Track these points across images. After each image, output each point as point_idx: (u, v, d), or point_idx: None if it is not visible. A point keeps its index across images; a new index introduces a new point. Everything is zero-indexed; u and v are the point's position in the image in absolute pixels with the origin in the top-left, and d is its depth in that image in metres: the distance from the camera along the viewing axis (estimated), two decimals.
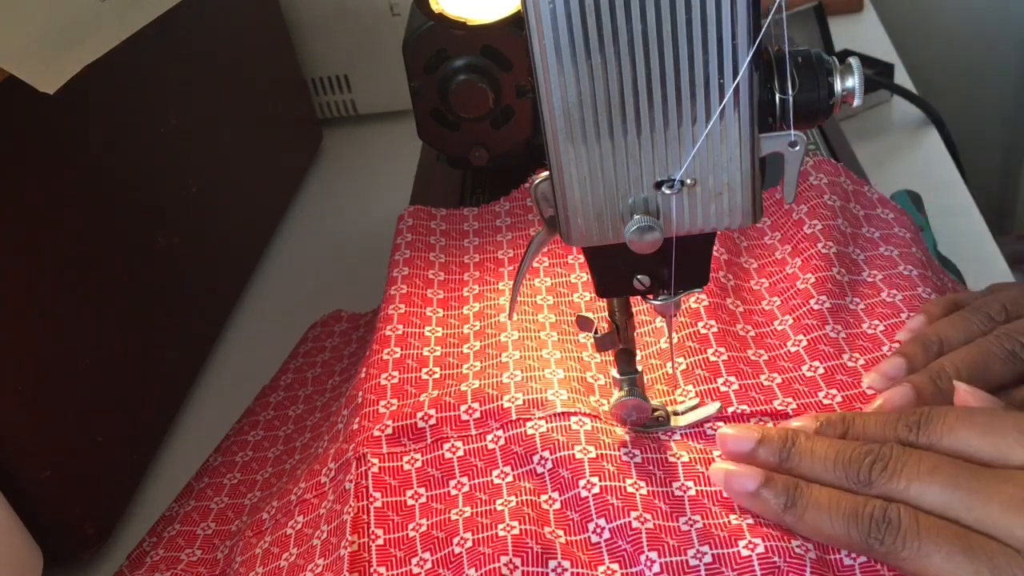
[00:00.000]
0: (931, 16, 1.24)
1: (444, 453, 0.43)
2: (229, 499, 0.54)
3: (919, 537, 0.33)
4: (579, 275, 0.54)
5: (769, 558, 0.35)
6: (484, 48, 0.59)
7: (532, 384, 0.44)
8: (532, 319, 0.50)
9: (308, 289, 0.76)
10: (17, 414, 0.48)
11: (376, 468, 0.42)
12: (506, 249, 0.57)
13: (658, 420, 0.43)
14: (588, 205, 0.35)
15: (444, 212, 0.61)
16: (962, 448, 0.35)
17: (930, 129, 0.79)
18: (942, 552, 0.32)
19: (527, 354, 0.47)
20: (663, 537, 0.37)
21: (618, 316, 0.42)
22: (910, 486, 0.34)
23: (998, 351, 0.40)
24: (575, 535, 0.38)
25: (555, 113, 0.33)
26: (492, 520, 0.39)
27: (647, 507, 0.38)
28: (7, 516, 0.48)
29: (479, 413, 0.44)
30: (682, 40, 0.32)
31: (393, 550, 0.40)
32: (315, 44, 0.94)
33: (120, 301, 0.57)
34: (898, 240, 0.52)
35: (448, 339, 0.50)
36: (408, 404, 0.45)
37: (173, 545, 0.51)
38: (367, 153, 0.95)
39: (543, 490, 0.40)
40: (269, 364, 0.65)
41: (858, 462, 0.36)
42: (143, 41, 0.57)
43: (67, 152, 0.54)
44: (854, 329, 0.46)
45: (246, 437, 0.59)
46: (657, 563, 0.36)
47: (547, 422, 0.42)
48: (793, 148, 0.34)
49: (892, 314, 0.46)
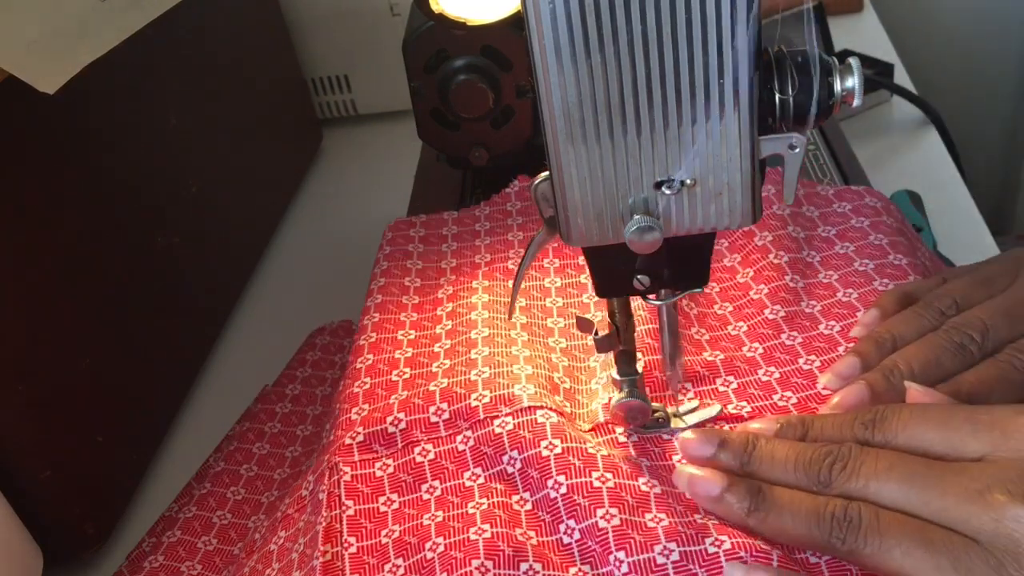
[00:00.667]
0: (931, 16, 1.24)
1: (415, 457, 0.43)
2: (233, 516, 0.53)
3: (879, 533, 0.33)
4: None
5: (736, 554, 0.35)
6: (484, 48, 0.59)
7: (500, 380, 0.44)
8: (503, 322, 0.50)
9: (308, 289, 0.76)
10: (17, 414, 0.48)
11: (348, 476, 0.43)
12: (483, 253, 0.56)
13: (658, 422, 0.43)
14: (588, 205, 0.35)
15: (424, 218, 0.61)
16: (917, 444, 0.35)
17: (930, 129, 0.79)
18: (902, 547, 0.33)
19: (496, 350, 0.47)
20: (630, 533, 0.37)
21: (618, 317, 0.42)
22: (868, 484, 0.35)
23: (948, 345, 0.41)
24: (547, 536, 0.38)
25: (555, 113, 0.33)
26: (464, 524, 0.39)
27: (613, 501, 0.38)
28: (7, 516, 0.48)
29: (448, 414, 0.44)
30: (682, 40, 0.32)
31: (366, 557, 0.40)
32: (315, 44, 0.94)
33: (120, 301, 0.57)
34: (855, 233, 0.52)
35: (420, 339, 0.50)
36: (378, 408, 0.45)
37: (174, 554, 0.51)
38: (367, 153, 0.95)
39: (514, 491, 0.40)
40: (269, 364, 0.65)
41: (818, 463, 0.36)
42: (143, 41, 0.57)
43: (67, 152, 0.54)
44: (810, 332, 0.47)
45: (251, 448, 0.58)
46: (625, 563, 0.36)
47: (514, 418, 0.42)
48: (793, 150, 0.34)
49: (848, 314, 0.47)
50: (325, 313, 0.69)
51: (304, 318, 0.69)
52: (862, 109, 0.82)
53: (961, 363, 0.40)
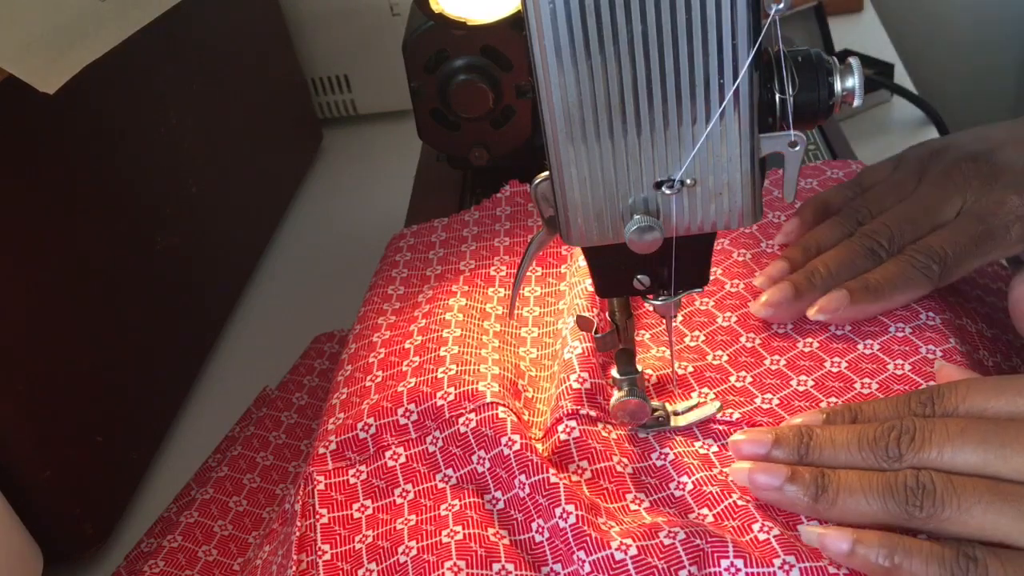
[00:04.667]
0: (931, 16, 1.24)
1: (387, 461, 0.43)
2: (234, 528, 0.53)
3: (956, 495, 0.34)
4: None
5: (693, 543, 0.35)
6: (484, 48, 0.59)
7: (465, 377, 0.44)
8: (477, 324, 0.50)
9: (308, 289, 0.76)
10: (17, 414, 0.48)
11: (322, 486, 0.43)
12: (468, 260, 0.56)
13: (658, 420, 0.43)
14: (588, 205, 0.35)
15: (415, 228, 0.61)
16: (978, 412, 0.36)
17: (930, 129, 0.79)
18: (982, 504, 0.33)
19: (466, 350, 0.46)
20: (586, 531, 0.37)
21: (618, 316, 0.42)
22: (943, 452, 0.35)
23: (860, 250, 0.46)
24: (520, 535, 0.38)
25: (555, 113, 0.33)
26: (436, 527, 0.39)
27: (569, 498, 0.38)
28: (7, 516, 0.48)
29: (416, 415, 0.44)
30: (682, 40, 0.32)
31: (340, 564, 0.40)
32: (315, 44, 0.94)
33: (120, 301, 0.57)
34: None
35: (394, 338, 0.50)
36: (351, 415, 0.45)
37: (174, 561, 0.51)
38: (367, 153, 0.95)
39: (486, 490, 0.40)
40: (269, 364, 0.65)
41: (884, 439, 0.36)
42: (143, 41, 0.57)
43: (67, 152, 0.54)
44: (767, 332, 0.47)
45: (255, 456, 0.58)
46: (587, 562, 0.36)
47: (476, 414, 0.42)
48: (793, 148, 0.34)
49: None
50: (325, 313, 0.69)
51: (304, 318, 0.69)
52: (862, 109, 0.82)
53: (872, 264, 0.46)
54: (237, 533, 0.53)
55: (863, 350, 0.43)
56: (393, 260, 0.58)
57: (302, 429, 0.60)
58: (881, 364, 0.43)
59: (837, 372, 0.43)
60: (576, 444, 0.41)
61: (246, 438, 0.59)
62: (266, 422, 0.60)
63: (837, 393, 0.42)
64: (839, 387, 0.42)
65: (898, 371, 0.42)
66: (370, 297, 0.55)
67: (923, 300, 0.45)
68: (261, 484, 0.56)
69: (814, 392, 0.42)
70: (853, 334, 0.44)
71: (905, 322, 0.44)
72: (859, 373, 0.43)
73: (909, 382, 0.41)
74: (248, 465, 0.57)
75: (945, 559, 0.34)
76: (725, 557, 0.35)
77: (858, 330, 0.45)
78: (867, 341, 0.44)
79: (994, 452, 0.34)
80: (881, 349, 0.43)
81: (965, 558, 0.33)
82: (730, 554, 0.35)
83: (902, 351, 0.43)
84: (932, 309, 0.44)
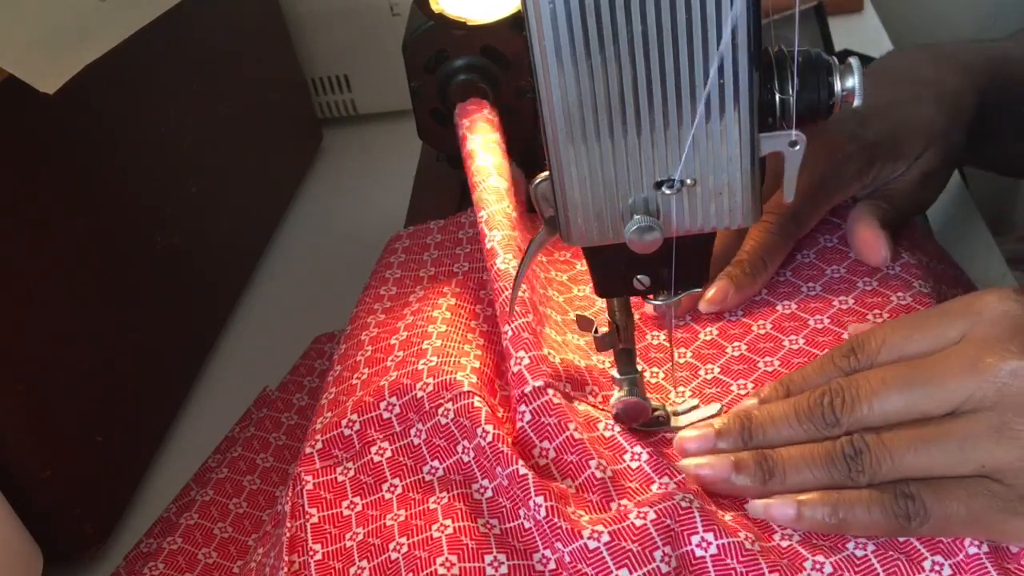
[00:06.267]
0: (931, 16, 1.24)
1: (373, 457, 0.43)
2: (234, 531, 0.53)
3: (888, 450, 0.35)
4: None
5: (663, 523, 0.36)
6: (484, 48, 0.59)
7: (445, 367, 0.44)
8: (464, 322, 0.50)
9: (308, 289, 0.76)
10: (17, 414, 0.48)
11: (311, 485, 0.43)
12: (462, 262, 0.56)
13: (658, 420, 0.43)
14: (588, 205, 0.35)
15: (411, 230, 0.61)
16: (899, 354, 0.37)
17: None
18: (912, 451, 0.35)
19: (449, 343, 0.46)
20: (557, 521, 0.37)
21: (618, 316, 0.42)
22: (872, 405, 0.36)
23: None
24: (510, 522, 0.38)
25: (555, 113, 0.33)
26: (426, 521, 0.39)
27: (539, 490, 0.38)
28: (7, 516, 0.48)
29: (398, 407, 0.43)
30: (682, 40, 0.32)
31: (332, 562, 0.40)
32: (315, 44, 0.94)
33: (120, 301, 0.57)
34: None
35: (380, 335, 0.50)
36: (336, 413, 0.45)
37: (174, 563, 0.51)
38: (367, 153, 0.95)
39: (473, 479, 0.41)
40: (269, 364, 0.65)
41: (818, 407, 0.37)
42: (143, 41, 0.57)
43: (67, 152, 0.54)
44: (720, 321, 0.48)
45: (255, 457, 0.58)
46: (565, 552, 0.36)
47: (453, 403, 0.42)
48: (793, 148, 0.34)
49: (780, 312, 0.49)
50: (325, 313, 0.69)
51: (304, 318, 0.69)
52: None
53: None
54: (237, 535, 0.53)
55: (815, 325, 0.46)
56: (388, 261, 0.58)
57: (302, 430, 0.60)
58: (836, 335, 0.45)
59: (798, 348, 0.45)
60: (532, 427, 0.41)
61: (246, 439, 0.59)
62: (266, 423, 0.60)
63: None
64: (804, 361, 0.44)
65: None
66: (363, 298, 0.55)
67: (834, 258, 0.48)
68: (261, 486, 0.56)
69: (781, 370, 0.44)
70: (801, 311, 0.47)
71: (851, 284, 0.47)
72: (817, 347, 0.44)
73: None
74: (248, 466, 0.57)
75: (885, 502, 0.35)
76: (695, 533, 0.36)
77: (805, 307, 0.47)
78: (817, 317, 0.46)
79: (918, 393, 0.35)
80: (832, 322, 0.46)
81: (903, 496, 0.35)
82: (699, 528, 0.35)
83: (853, 310, 0.45)
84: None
